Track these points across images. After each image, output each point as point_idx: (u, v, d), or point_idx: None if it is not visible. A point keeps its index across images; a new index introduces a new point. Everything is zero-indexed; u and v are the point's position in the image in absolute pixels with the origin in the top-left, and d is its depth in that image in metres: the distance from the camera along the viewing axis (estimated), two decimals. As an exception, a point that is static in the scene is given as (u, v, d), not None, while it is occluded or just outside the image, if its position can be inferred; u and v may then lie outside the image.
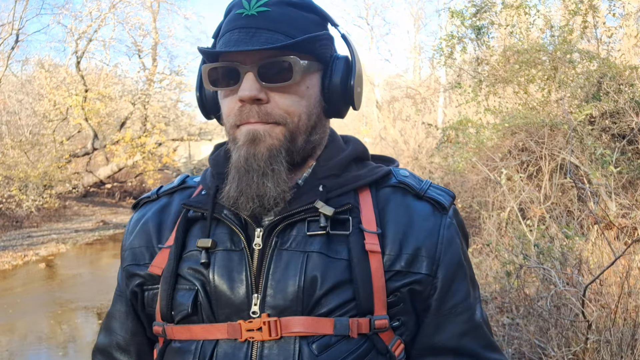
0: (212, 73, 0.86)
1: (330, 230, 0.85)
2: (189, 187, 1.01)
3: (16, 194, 13.93)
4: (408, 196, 0.91)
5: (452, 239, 0.90)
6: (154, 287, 0.92)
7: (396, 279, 0.85)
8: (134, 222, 1.01)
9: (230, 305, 0.85)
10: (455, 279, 0.89)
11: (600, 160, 5.01)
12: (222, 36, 0.86)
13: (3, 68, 15.45)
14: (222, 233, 0.88)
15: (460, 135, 7.35)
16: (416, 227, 0.88)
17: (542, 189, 5.34)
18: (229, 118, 0.86)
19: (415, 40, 24.43)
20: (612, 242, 3.70)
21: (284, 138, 0.84)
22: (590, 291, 3.02)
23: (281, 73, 0.82)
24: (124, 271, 0.97)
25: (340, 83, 0.88)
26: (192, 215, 0.92)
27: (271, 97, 0.83)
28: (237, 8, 0.85)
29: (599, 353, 2.71)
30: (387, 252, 0.86)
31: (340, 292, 0.83)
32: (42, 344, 5.54)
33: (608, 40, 7.45)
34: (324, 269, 0.83)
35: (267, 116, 0.83)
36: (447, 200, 0.92)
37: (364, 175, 0.91)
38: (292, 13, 0.85)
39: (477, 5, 7.59)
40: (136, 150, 18.43)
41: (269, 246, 0.85)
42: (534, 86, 6.83)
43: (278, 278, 0.83)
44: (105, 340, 1.03)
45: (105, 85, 18.54)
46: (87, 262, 10.29)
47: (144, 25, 20.07)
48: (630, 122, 5.44)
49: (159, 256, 0.92)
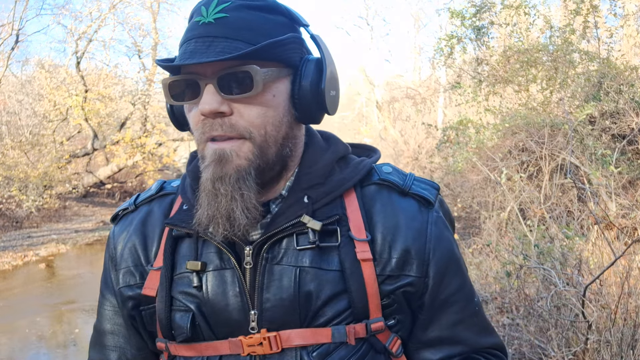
0: (173, 87, 0.82)
1: (320, 243, 0.83)
2: (168, 194, 0.98)
3: (16, 194, 13.93)
4: (393, 194, 0.90)
5: (440, 235, 0.89)
6: (150, 307, 0.91)
7: (388, 282, 0.86)
8: (118, 237, 0.98)
9: (229, 323, 0.85)
10: (447, 273, 0.89)
11: (600, 160, 5.01)
12: (181, 47, 0.81)
13: (3, 68, 15.46)
14: (210, 252, 0.87)
15: (460, 135, 7.35)
16: (404, 228, 0.87)
17: (542, 189, 5.34)
18: (196, 132, 0.83)
19: (415, 41, 24.43)
20: (612, 242, 3.70)
21: (253, 156, 0.81)
22: (590, 291, 3.02)
23: (242, 84, 0.78)
24: (119, 293, 0.95)
25: (310, 87, 0.83)
26: (177, 234, 0.90)
27: (235, 108, 0.79)
28: (196, 15, 0.81)
29: (599, 353, 2.71)
30: (378, 257, 0.85)
31: (336, 303, 0.83)
32: (42, 344, 5.54)
33: (608, 41, 7.45)
34: (317, 282, 0.83)
35: (232, 128, 0.79)
36: (432, 194, 0.91)
37: (348, 177, 0.89)
38: (253, 17, 0.80)
39: (477, 6, 7.59)
40: (136, 150, 18.42)
41: (260, 263, 0.84)
42: (534, 86, 6.83)
43: (273, 293, 0.83)
44: (99, 356, 1.00)
45: (105, 86, 18.54)
46: (87, 263, 10.29)
47: (143, 25, 20.09)
48: (631, 122, 5.44)
49: (151, 278, 0.90)
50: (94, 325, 1.02)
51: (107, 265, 0.99)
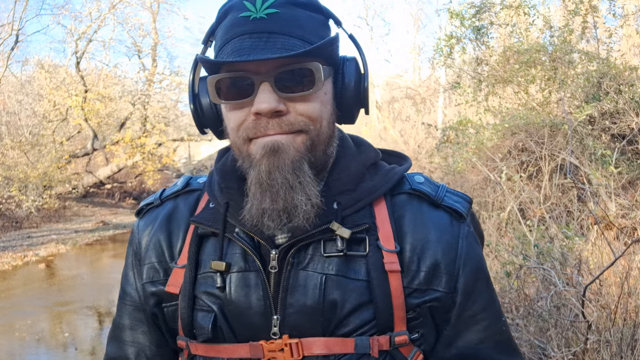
0: (221, 85, 0.78)
1: (348, 251, 0.81)
2: (194, 190, 0.97)
3: (16, 194, 13.92)
4: (424, 205, 0.88)
5: (470, 250, 0.87)
6: (172, 304, 0.90)
7: (415, 296, 0.83)
8: (142, 231, 0.97)
9: (250, 327, 0.84)
10: (475, 289, 0.87)
11: (600, 160, 5.01)
12: (228, 42, 0.78)
13: (3, 68, 15.45)
14: (235, 253, 0.86)
15: (460, 135, 7.35)
16: (434, 241, 0.85)
17: (542, 189, 5.34)
18: (239, 132, 0.80)
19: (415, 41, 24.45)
20: (612, 242, 3.70)
21: (304, 148, 0.79)
22: (590, 291, 3.02)
23: (302, 81, 0.76)
24: (142, 288, 0.94)
25: (354, 86, 0.83)
26: (202, 232, 0.89)
27: (290, 106, 0.78)
28: (238, 11, 0.78)
29: (598, 353, 2.71)
30: (406, 269, 0.83)
31: (361, 313, 0.81)
32: (41, 344, 5.54)
33: (607, 41, 7.45)
34: (343, 291, 0.81)
35: (290, 126, 0.78)
36: (465, 207, 0.89)
37: (378, 184, 0.87)
38: (301, 14, 0.79)
39: (476, 6, 7.59)
40: (136, 150, 18.42)
41: (285, 267, 0.82)
42: (534, 86, 6.83)
43: (297, 299, 0.82)
44: (119, 352, 0.99)
45: (105, 86, 18.53)
46: (86, 263, 10.29)
47: (143, 25, 20.11)
48: (630, 122, 5.44)
49: (174, 275, 0.89)
50: (113, 319, 1.01)
51: (129, 260, 0.97)
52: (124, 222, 15.51)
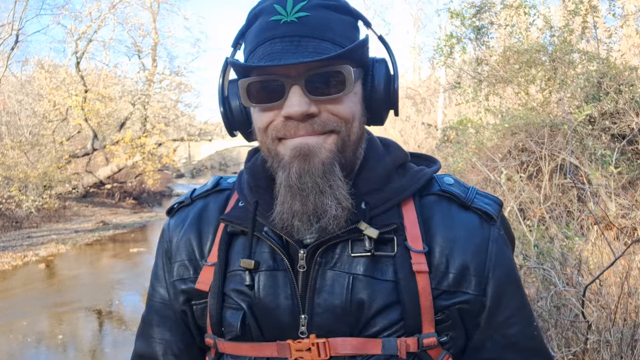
0: (251, 88, 0.78)
1: (375, 252, 0.81)
2: (224, 190, 0.98)
3: (16, 194, 13.92)
4: (453, 206, 0.87)
5: (500, 252, 0.86)
6: (201, 302, 0.91)
7: (444, 297, 0.83)
8: (173, 230, 0.98)
9: (278, 325, 0.84)
10: (505, 293, 0.86)
11: (600, 160, 5.01)
12: (259, 46, 0.78)
13: (3, 68, 15.46)
14: (263, 252, 0.86)
15: (460, 135, 7.35)
16: (463, 243, 0.84)
17: (542, 189, 5.34)
18: (268, 131, 0.80)
19: (415, 41, 24.44)
20: (612, 242, 3.70)
21: (336, 149, 0.79)
22: (590, 291, 3.01)
23: (333, 84, 0.77)
24: (172, 285, 0.95)
25: (383, 88, 0.83)
26: (232, 230, 0.89)
27: (322, 107, 0.78)
28: (268, 14, 0.78)
29: (598, 353, 2.71)
30: (434, 271, 0.83)
31: (388, 314, 0.81)
32: (42, 344, 5.54)
33: (607, 41, 7.45)
34: (370, 291, 0.81)
35: (323, 126, 0.78)
36: (495, 210, 0.88)
37: (406, 185, 0.86)
38: (331, 17, 0.79)
39: (476, 6, 7.59)
40: (136, 150, 18.43)
41: (313, 267, 0.83)
42: (534, 87, 6.83)
43: (324, 299, 0.82)
44: (147, 348, 0.99)
45: (105, 86, 18.54)
46: (86, 263, 10.29)
47: (143, 25, 20.12)
48: (630, 122, 5.44)
49: (204, 273, 0.90)
50: (142, 316, 1.02)
51: (160, 257, 0.99)
52: (124, 222, 15.51)
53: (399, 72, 0.86)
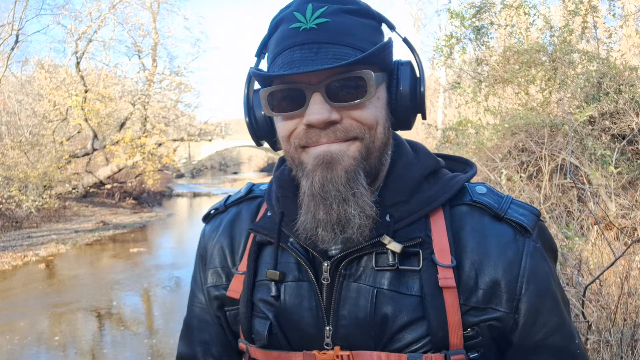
0: (272, 97, 0.78)
1: (400, 266, 0.80)
2: (256, 197, 0.99)
3: (16, 194, 13.93)
4: (485, 217, 0.83)
5: (536, 267, 0.81)
6: (234, 308, 0.93)
7: (473, 314, 0.79)
8: (209, 236, 1.00)
9: (303, 336, 0.84)
10: (541, 311, 0.81)
11: (600, 160, 5.01)
12: (279, 55, 0.77)
13: (3, 68, 15.46)
14: (289, 263, 0.86)
15: (460, 135, 7.34)
16: (494, 257, 0.80)
17: (542, 189, 5.34)
18: (290, 140, 0.80)
19: (415, 41, 24.41)
20: (612, 242, 3.70)
21: (360, 156, 0.78)
22: (590, 292, 3.02)
23: (354, 90, 0.75)
24: (207, 291, 0.97)
25: (409, 91, 0.82)
26: (260, 240, 0.90)
27: (344, 114, 0.76)
28: (288, 22, 0.78)
29: (599, 353, 2.71)
30: (463, 286, 0.80)
31: (414, 329, 0.79)
32: (41, 344, 5.54)
33: (607, 41, 7.45)
34: (394, 305, 0.79)
35: (345, 133, 0.77)
36: (531, 220, 0.83)
37: (436, 195, 0.83)
38: (351, 21, 0.78)
39: (476, 6, 7.59)
40: (136, 150, 18.43)
41: (337, 279, 0.82)
42: (534, 87, 6.83)
43: (348, 311, 0.81)
44: (188, 350, 1.02)
45: (105, 86, 18.55)
46: (86, 263, 10.29)
47: (143, 25, 20.12)
48: (630, 122, 5.44)
49: (235, 281, 0.91)
50: (184, 319, 1.04)
51: (197, 263, 1.01)
52: (124, 222, 15.51)
53: (424, 74, 0.84)
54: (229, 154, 60.10)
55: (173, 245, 12.94)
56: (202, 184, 36.32)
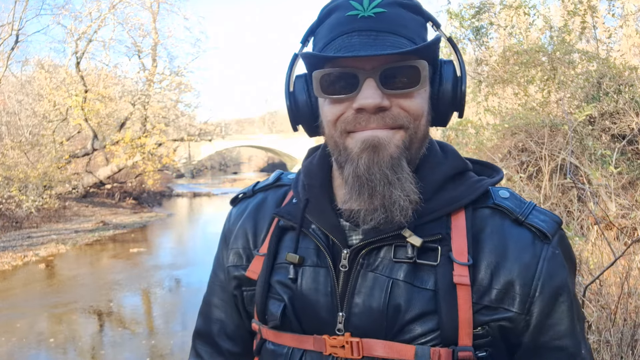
0: (325, 79, 0.79)
1: (418, 259, 0.81)
2: (283, 185, 1.03)
3: (16, 194, 13.93)
4: (506, 221, 0.85)
5: (553, 273, 0.82)
6: (250, 289, 0.96)
7: (484, 313, 0.81)
8: (234, 219, 1.04)
9: (316, 320, 0.86)
10: (553, 314, 0.82)
11: (600, 160, 5.01)
12: (335, 39, 0.79)
13: (3, 68, 15.47)
14: (308, 248, 0.89)
15: (460, 135, 7.34)
16: (511, 259, 0.82)
17: (542, 189, 5.34)
18: (337, 124, 0.81)
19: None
20: (612, 242, 3.70)
21: (403, 145, 0.80)
22: (590, 291, 3.02)
23: (407, 78, 0.77)
24: (227, 270, 1.01)
25: (451, 89, 0.85)
26: (283, 225, 0.93)
27: (394, 102, 0.78)
28: (344, 9, 0.80)
29: (599, 353, 2.71)
30: (477, 284, 0.81)
31: (424, 322, 0.80)
32: (41, 344, 5.54)
33: (607, 41, 7.45)
34: (408, 297, 0.81)
35: (393, 120, 0.79)
36: (551, 227, 0.84)
37: (460, 196, 0.85)
38: (405, 15, 0.80)
39: (476, 7, 7.59)
40: (136, 150, 18.43)
41: (354, 267, 0.84)
42: (533, 87, 6.83)
43: (363, 299, 0.83)
44: (205, 326, 1.07)
45: (105, 86, 18.55)
46: (86, 263, 10.29)
47: (143, 25, 20.11)
48: (630, 122, 5.45)
49: (255, 262, 0.94)
50: (204, 296, 1.09)
51: (220, 243, 1.05)
52: (124, 222, 15.51)
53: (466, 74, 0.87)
54: (229, 154, 60.11)
55: (173, 245, 12.94)
56: (202, 184, 36.32)
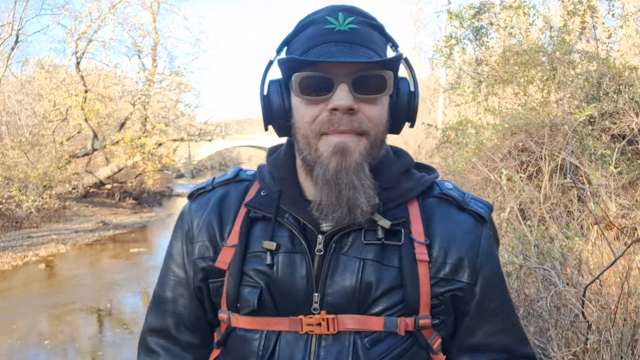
0: (304, 82, 0.89)
1: (385, 240, 0.93)
2: (243, 180, 1.08)
3: (16, 194, 13.92)
4: (452, 208, 1.00)
5: (490, 250, 0.99)
6: (218, 280, 1.00)
7: (440, 285, 0.95)
8: (195, 213, 1.06)
9: (293, 302, 0.94)
10: (492, 285, 0.99)
11: (600, 160, 5.01)
12: (314, 47, 0.90)
13: (3, 68, 15.46)
14: (283, 236, 0.96)
15: (460, 135, 7.35)
16: (459, 239, 0.97)
17: (542, 189, 5.34)
18: (312, 125, 0.90)
19: (415, 41, 24.41)
20: (612, 242, 3.70)
21: (365, 152, 0.90)
22: (590, 291, 3.01)
23: (375, 86, 0.88)
24: (192, 263, 1.04)
25: (406, 101, 0.96)
26: (253, 216, 0.99)
27: (360, 107, 0.89)
28: (322, 24, 0.91)
29: (599, 353, 2.71)
30: (433, 261, 0.94)
31: (392, 296, 0.92)
32: (41, 344, 5.54)
33: (607, 41, 7.45)
34: (378, 275, 0.92)
35: (359, 124, 0.88)
36: (487, 213, 1.01)
37: (413, 187, 0.99)
38: (373, 33, 0.92)
39: (475, 7, 7.59)
40: (136, 150, 18.43)
41: (328, 251, 0.93)
42: (533, 87, 6.83)
43: (337, 280, 0.92)
44: (160, 322, 1.08)
45: (105, 86, 18.54)
46: (86, 263, 10.29)
47: (143, 25, 20.09)
48: (630, 122, 5.45)
49: (224, 253, 0.99)
50: (155, 292, 1.10)
51: (178, 238, 1.08)
52: (124, 222, 15.51)
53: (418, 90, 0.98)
54: (229, 154, 60.07)
55: (173, 245, 12.91)
56: (202, 184, 36.20)
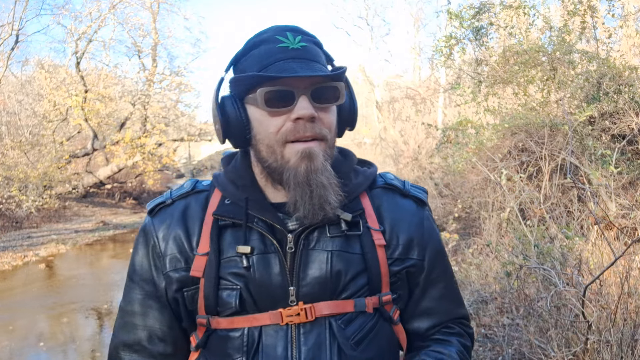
0: (268, 95, 0.97)
1: (347, 232, 1.03)
2: (202, 191, 1.13)
3: (16, 194, 13.92)
4: (396, 195, 1.14)
5: (432, 227, 1.15)
6: (192, 288, 1.06)
7: (396, 264, 1.08)
8: (158, 228, 1.10)
9: (271, 298, 1.01)
10: (437, 257, 1.14)
11: (600, 160, 5.01)
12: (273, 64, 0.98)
13: (3, 69, 15.45)
14: (254, 239, 1.03)
15: (460, 135, 7.35)
16: (407, 222, 1.11)
17: (542, 189, 5.34)
18: (277, 135, 0.98)
19: (415, 41, 24.40)
20: (612, 242, 3.71)
21: (326, 154, 1.00)
22: (590, 291, 3.02)
23: (332, 96, 1.00)
24: (165, 277, 1.08)
25: (349, 108, 1.09)
26: (222, 224, 1.05)
27: (319, 115, 0.99)
28: (274, 42, 0.99)
29: (599, 353, 2.71)
30: (388, 244, 1.07)
31: (358, 280, 1.04)
32: (41, 344, 5.54)
33: (607, 41, 7.45)
34: (345, 263, 1.03)
35: (320, 131, 0.99)
36: (424, 197, 1.17)
37: (362, 182, 1.11)
38: (318, 50, 1.03)
39: (475, 7, 7.59)
40: (136, 150, 18.42)
41: (298, 248, 1.02)
42: (533, 87, 6.83)
43: (309, 273, 1.01)
44: (131, 336, 1.11)
45: (105, 86, 18.53)
46: (87, 263, 10.29)
47: (143, 25, 20.08)
48: (630, 122, 5.45)
49: (197, 262, 1.04)
50: (122, 308, 1.13)
51: (142, 254, 1.11)
52: (124, 222, 15.51)
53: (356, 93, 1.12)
54: (228, 154, 59.98)
55: (173, 245, 12.91)
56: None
